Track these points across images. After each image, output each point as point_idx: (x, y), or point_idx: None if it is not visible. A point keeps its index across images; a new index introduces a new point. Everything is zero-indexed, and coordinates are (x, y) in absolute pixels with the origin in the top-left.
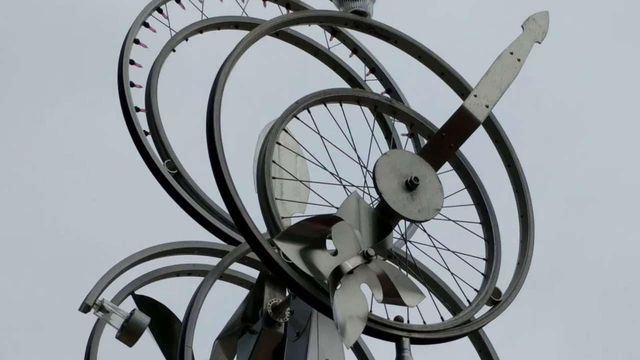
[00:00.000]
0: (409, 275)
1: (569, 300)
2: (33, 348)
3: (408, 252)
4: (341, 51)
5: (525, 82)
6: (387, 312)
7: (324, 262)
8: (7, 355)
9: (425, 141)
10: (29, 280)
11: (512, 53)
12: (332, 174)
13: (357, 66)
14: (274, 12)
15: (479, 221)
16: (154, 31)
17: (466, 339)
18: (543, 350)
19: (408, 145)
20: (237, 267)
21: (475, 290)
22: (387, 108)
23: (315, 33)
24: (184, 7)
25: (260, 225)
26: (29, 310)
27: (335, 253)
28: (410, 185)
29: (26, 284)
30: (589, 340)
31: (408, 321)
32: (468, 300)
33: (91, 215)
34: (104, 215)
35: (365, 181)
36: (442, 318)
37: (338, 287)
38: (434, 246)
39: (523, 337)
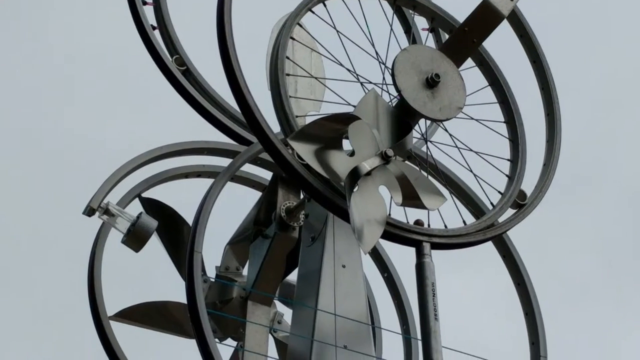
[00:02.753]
0: (430, 177)
1: (596, 205)
2: (35, 254)
3: (428, 152)
4: None
5: None
6: (407, 215)
7: (340, 163)
8: (8, 262)
9: (447, 36)
10: (30, 182)
11: None
12: (348, 70)
13: None
14: None
15: (503, 120)
16: None
17: (489, 244)
18: (570, 255)
19: (429, 41)
20: (249, 168)
21: (499, 192)
22: (407, 1)
23: None
24: None
25: (273, 124)
26: (30, 214)
27: (352, 153)
28: (431, 82)
29: (27, 186)
30: (617, 245)
31: (429, 225)
32: (492, 203)
33: (96, 114)
34: (109, 114)
35: (383, 78)
36: (464, 222)
37: (355, 189)
38: (456, 146)
39: (549, 242)
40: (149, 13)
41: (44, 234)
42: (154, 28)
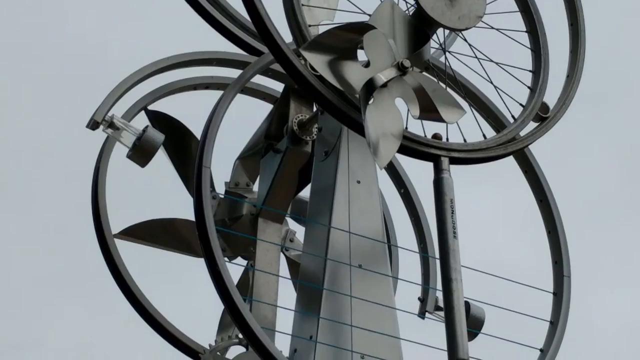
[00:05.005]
0: (448, 89)
1: (621, 119)
2: (37, 169)
3: (447, 63)
4: None
5: None
6: (424, 129)
7: (354, 74)
8: (10, 177)
9: None
10: (31, 96)
11: None
12: None
13: None
14: None
15: (524, 29)
16: None
17: (511, 159)
18: (593, 171)
19: None
20: (260, 80)
21: (521, 105)
22: None
23: None
24: None
25: (285, 34)
26: (31, 129)
27: (367, 64)
28: None
29: (28, 100)
30: None
31: (447, 139)
32: (513, 116)
33: (99, 23)
34: (112, 23)
35: None
36: (484, 136)
37: (370, 101)
38: (476, 57)
39: (572, 157)
40: None
41: (45, 149)
42: None
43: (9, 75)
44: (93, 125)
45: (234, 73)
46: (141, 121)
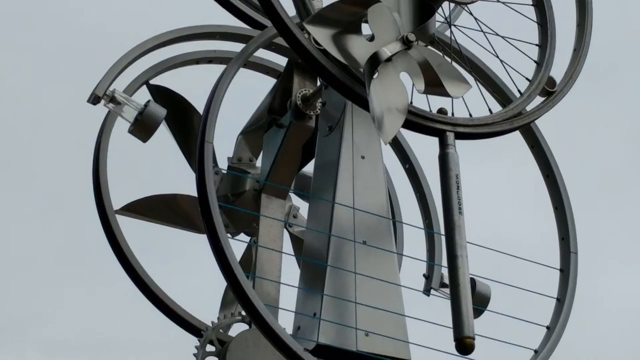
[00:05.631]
0: (454, 63)
1: (629, 93)
2: (37, 144)
3: (452, 37)
4: None
5: None
6: (430, 103)
7: (359, 48)
8: (9, 152)
9: None
10: (31, 69)
11: None
12: None
13: None
14: None
15: (531, 3)
16: None
17: (517, 134)
18: (601, 146)
19: None
20: (263, 54)
21: (527, 79)
22: None
23: None
24: None
25: (289, 7)
26: (32, 103)
27: (371, 38)
28: None
29: (28, 73)
30: None
31: (452, 114)
32: (519, 91)
33: None
34: None
35: None
36: (490, 110)
37: (375, 75)
38: (482, 30)
39: (579, 132)
40: None
41: (46, 124)
42: None
43: (9, 48)
44: (94, 99)
45: (237, 47)
46: (143, 96)
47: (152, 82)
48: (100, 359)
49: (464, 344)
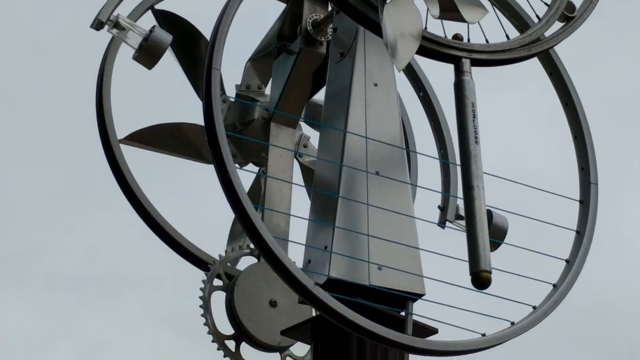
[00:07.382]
0: None
1: None
2: (38, 71)
3: None
4: None
5: None
6: (445, 29)
7: None
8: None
9: None
10: None
11: None
12: None
13: None
14: None
15: None
16: None
17: (535, 61)
18: (621, 73)
19: None
20: None
21: (546, 4)
22: None
23: None
24: None
25: None
26: (32, 27)
27: None
28: None
29: None
30: None
31: (468, 40)
32: (537, 16)
33: None
34: None
35: None
36: (507, 36)
37: (388, 0)
38: None
39: (600, 58)
40: None
41: (48, 50)
42: None
43: None
44: (97, 25)
45: None
46: (148, 21)
47: (157, 6)
48: (103, 293)
49: (480, 278)
